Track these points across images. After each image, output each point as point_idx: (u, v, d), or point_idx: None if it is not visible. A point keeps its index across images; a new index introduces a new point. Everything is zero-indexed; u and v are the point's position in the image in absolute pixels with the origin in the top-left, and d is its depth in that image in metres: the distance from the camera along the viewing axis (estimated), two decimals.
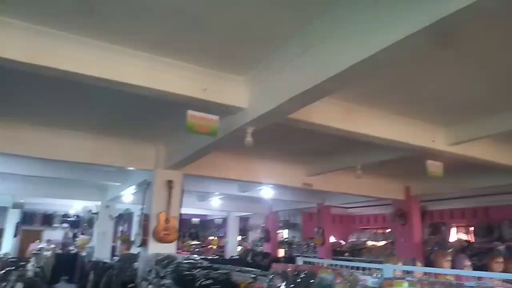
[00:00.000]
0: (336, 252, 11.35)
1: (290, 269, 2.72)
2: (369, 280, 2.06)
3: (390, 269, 2.20)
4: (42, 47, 2.98)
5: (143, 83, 3.35)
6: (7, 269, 5.45)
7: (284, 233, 14.87)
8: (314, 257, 9.98)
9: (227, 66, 3.64)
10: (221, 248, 15.46)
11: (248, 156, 6.88)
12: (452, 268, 4.38)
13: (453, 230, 10.28)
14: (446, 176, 5.55)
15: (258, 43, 3.20)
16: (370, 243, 11.92)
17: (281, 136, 5.36)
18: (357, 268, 2.43)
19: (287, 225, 14.40)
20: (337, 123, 4.22)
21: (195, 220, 17.33)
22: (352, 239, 12.84)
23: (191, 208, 12.61)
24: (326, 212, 11.09)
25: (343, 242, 12.64)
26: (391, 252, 9.38)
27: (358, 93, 4.05)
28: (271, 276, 2.73)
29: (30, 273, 5.72)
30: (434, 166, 5.43)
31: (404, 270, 2.30)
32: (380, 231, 12.48)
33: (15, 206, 11.79)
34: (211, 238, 17.51)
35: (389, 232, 11.56)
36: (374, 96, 4.18)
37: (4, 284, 4.83)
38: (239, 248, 14.99)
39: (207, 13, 2.78)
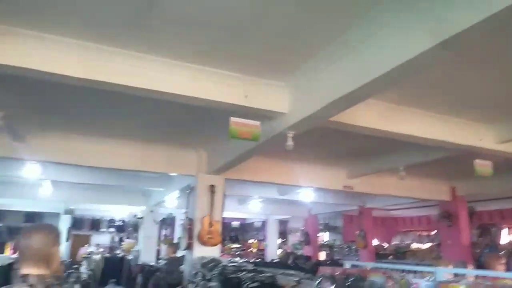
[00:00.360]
0: (379, 255, 11.11)
1: (338, 272, 2.73)
2: (422, 284, 2.05)
3: (442, 272, 2.17)
4: (96, 63, 3.19)
5: (188, 93, 3.49)
6: (67, 271, 5.78)
7: (324, 236, 14.73)
8: (357, 260, 9.83)
9: (268, 73, 3.71)
10: (261, 251, 15.53)
11: (288, 159, 6.91)
12: (507, 271, 4.20)
13: (504, 232, 9.79)
14: (495, 175, 5.33)
15: (298, 49, 3.26)
16: (414, 245, 11.57)
17: (321, 139, 5.36)
18: (408, 271, 2.40)
19: (327, 228, 14.27)
20: (379, 124, 4.18)
21: (235, 223, 17.51)
22: (395, 241, 12.52)
23: (231, 212, 12.77)
24: (367, 214, 10.89)
25: (386, 245, 12.35)
26: (438, 255, 9.07)
27: (401, 93, 4.00)
28: (319, 280, 2.76)
29: (84, 276, 6.03)
30: (482, 165, 5.23)
31: (456, 273, 2.25)
32: (425, 233, 12.09)
33: (67, 212, 12.44)
34: (250, 241, 17.64)
35: (434, 234, 11.18)
36: (418, 96, 4.11)
37: (65, 285, 5.14)
38: (279, 251, 15.00)
39: (249, 22, 2.87)
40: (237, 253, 15.32)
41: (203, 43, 3.17)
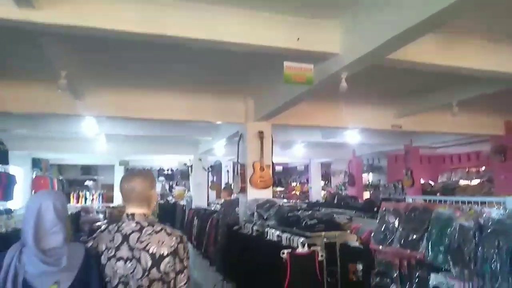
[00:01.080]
0: (427, 193, 11.11)
1: (402, 206, 2.83)
2: (494, 212, 2.10)
3: None
4: (152, 16, 3.25)
5: (240, 39, 3.51)
6: None
7: (369, 177, 14.84)
8: (404, 199, 9.92)
9: (320, 12, 3.62)
10: (304, 193, 15.96)
11: (334, 101, 6.87)
12: None
13: None
14: None
15: None
16: (462, 182, 11.44)
17: (370, 78, 5.25)
18: (473, 203, 2.46)
19: (371, 168, 14.32)
20: (435, 59, 4.02)
21: (278, 168, 17.92)
22: (442, 179, 12.42)
23: (275, 157, 13.04)
24: (414, 153, 10.79)
25: (432, 183, 12.30)
26: (489, 190, 8.96)
27: (458, 24, 3.80)
28: (383, 213, 2.88)
29: None
30: None
31: None
32: (473, 169, 11.87)
33: (121, 163, 13.20)
34: (294, 184, 18.10)
35: (484, 170, 10.96)
36: (475, 26, 3.89)
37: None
38: (323, 193, 15.35)
39: None
40: (281, 196, 15.83)
41: None
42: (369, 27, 3.36)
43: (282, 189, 17.45)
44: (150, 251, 1.84)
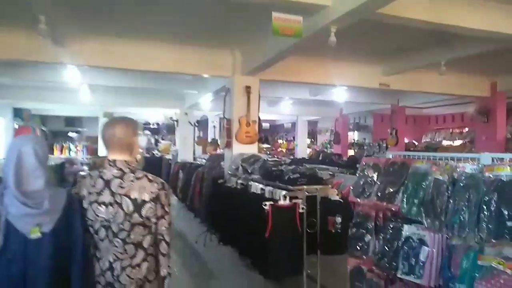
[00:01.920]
0: (412, 151, 11.34)
1: (382, 161, 2.89)
2: (468, 167, 2.17)
3: (488, 158, 2.28)
4: None
5: None
6: None
7: (354, 135, 15.03)
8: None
9: None
10: (290, 151, 16.16)
11: (322, 58, 6.78)
12: None
13: None
14: None
15: None
16: (445, 142, 11.69)
17: (358, 35, 5.17)
18: (450, 158, 2.52)
19: (357, 127, 14.48)
20: (423, 15, 3.97)
21: (265, 125, 17.96)
22: (426, 139, 12.66)
23: (261, 113, 13.04)
24: (400, 112, 10.90)
25: (416, 143, 12.54)
26: (470, 150, 9.19)
27: None
28: (363, 168, 2.94)
29: None
30: None
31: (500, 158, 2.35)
32: (457, 130, 12.11)
33: (105, 115, 12.99)
34: (280, 141, 18.25)
35: (467, 131, 11.19)
36: None
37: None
38: (308, 150, 15.55)
39: None
40: (267, 153, 16.00)
41: None
42: None
43: (268, 146, 17.59)
44: (132, 196, 1.87)
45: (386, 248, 2.46)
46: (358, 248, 2.71)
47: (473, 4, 4.19)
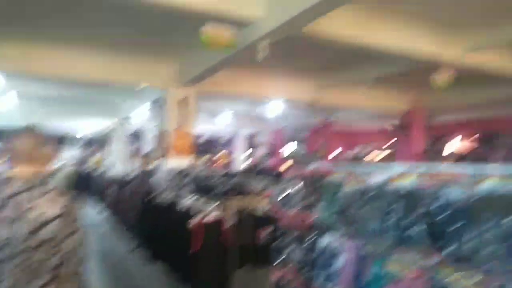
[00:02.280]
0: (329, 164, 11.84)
1: (304, 173, 3.00)
2: (379, 178, 2.32)
3: (398, 168, 2.45)
4: None
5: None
6: None
7: (290, 148, 15.44)
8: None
9: None
10: (229, 164, 16.19)
11: (259, 72, 6.93)
12: None
13: (455, 140, 10.63)
14: (454, 88, 5.65)
15: None
16: (371, 154, 12.41)
17: (293, 51, 5.38)
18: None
19: (294, 140, 14.90)
20: (348, 35, 4.22)
21: (204, 137, 17.85)
22: (355, 151, 13.34)
23: (201, 125, 12.98)
24: (330, 126, 11.41)
25: (345, 155, 13.16)
26: (392, 161, 9.83)
27: (375, 3, 4.01)
28: (287, 180, 3.03)
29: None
30: (441, 77, 5.50)
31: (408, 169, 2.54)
32: (383, 143, 12.91)
33: (28, 128, 12.08)
34: (218, 154, 18.21)
35: (390, 144, 11.98)
36: (389, 8, 4.14)
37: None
38: (246, 163, 15.70)
39: None
40: (206, 165, 15.87)
41: None
42: None
43: (206, 158, 17.46)
44: (38, 211, 1.75)
45: (306, 258, 2.54)
46: (281, 259, 2.77)
47: (394, 26, 4.54)
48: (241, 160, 15.22)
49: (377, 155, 12.17)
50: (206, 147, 18.41)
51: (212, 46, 3.67)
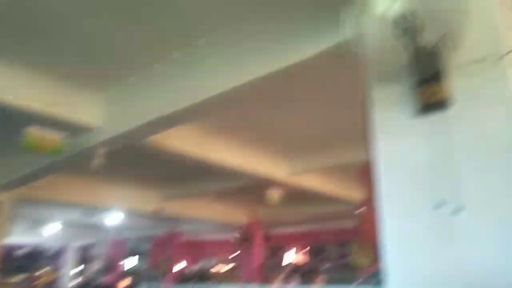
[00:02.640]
0: (185, 278, 11.25)
1: None
2: None
3: None
4: None
5: None
6: None
7: (131, 261, 14.10)
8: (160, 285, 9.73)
9: (84, 83, 3.45)
10: (55, 281, 13.73)
11: (97, 179, 6.44)
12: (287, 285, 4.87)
13: (290, 252, 11.39)
14: (286, 204, 6.23)
15: (121, 63, 3.14)
16: (217, 267, 12.21)
17: (134, 160, 5.23)
18: None
19: (135, 253, 13.75)
20: (192, 152, 4.38)
21: (24, 250, 15.04)
22: (200, 265, 12.95)
23: (20, 237, 11.02)
24: (176, 238, 11.02)
25: (190, 269, 12.63)
26: (236, 276, 9.81)
27: (214, 124, 4.31)
28: None
29: None
30: (273, 194, 6.09)
31: None
32: (228, 255, 12.93)
33: None
34: (43, 270, 15.36)
35: (234, 256, 12.10)
36: (228, 129, 4.50)
37: None
38: (78, 280, 13.58)
39: (67, 25, 2.66)
40: (22, 285, 13.07)
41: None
42: (131, 106, 3.40)
43: (25, 276, 14.46)
44: None
45: None
46: None
47: (233, 146, 4.91)
48: (70, 277, 13.10)
49: (222, 268, 12.03)
50: (25, 262, 15.42)
51: (35, 149, 3.28)
